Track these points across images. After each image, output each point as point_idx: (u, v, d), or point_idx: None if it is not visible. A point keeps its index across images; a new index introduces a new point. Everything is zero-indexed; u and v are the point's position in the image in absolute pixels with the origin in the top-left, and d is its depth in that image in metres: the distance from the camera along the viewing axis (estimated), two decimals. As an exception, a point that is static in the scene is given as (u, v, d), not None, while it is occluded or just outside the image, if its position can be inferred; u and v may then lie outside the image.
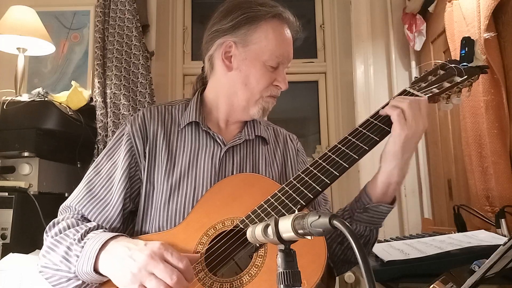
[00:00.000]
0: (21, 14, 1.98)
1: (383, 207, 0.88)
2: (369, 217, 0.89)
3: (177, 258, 0.74)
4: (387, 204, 0.88)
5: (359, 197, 0.92)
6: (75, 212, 0.92)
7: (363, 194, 0.90)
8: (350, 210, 0.92)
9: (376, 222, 0.90)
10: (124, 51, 2.25)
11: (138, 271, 0.73)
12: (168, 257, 0.74)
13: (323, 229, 0.46)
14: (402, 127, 0.84)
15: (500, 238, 1.10)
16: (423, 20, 2.07)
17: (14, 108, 1.78)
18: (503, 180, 1.35)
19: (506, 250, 0.64)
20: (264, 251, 0.78)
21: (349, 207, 0.94)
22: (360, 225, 0.90)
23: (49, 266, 0.84)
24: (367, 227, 0.90)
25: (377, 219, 0.89)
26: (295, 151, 1.10)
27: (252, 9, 0.96)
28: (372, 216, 0.89)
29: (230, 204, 0.87)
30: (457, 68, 0.97)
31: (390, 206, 0.88)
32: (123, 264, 0.75)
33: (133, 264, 0.74)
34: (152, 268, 0.73)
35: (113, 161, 0.97)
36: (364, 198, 0.90)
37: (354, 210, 0.91)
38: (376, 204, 0.88)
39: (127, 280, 0.74)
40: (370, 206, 0.88)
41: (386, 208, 0.88)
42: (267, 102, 1.00)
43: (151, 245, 0.76)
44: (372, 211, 0.88)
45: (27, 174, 1.75)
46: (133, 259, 0.74)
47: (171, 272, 0.72)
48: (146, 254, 0.74)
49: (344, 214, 0.93)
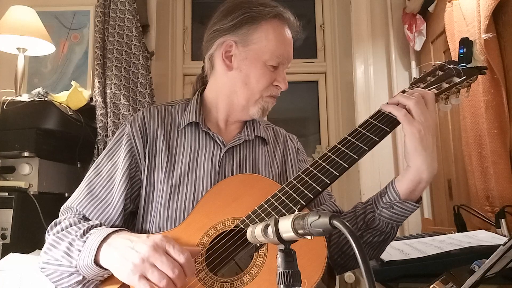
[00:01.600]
0: (21, 14, 1.98)
1: (410, 205, 0.86)
2: (393, 213, 0.87)
3: (179, 251, 0.74)
4: (414, 203, 0.87)
5: (384, 192, 0.89)
6: (76, 213, 0.92)
7: (391, 190, 0.88)
8: (374, 204, 0.90)
9: (399, 219, 0.88)
10: (124, 51, 2.25)
11: (140, 262, 0.73)
12: (170, 250, 0.74)
13: (323, 229, 0.46)
14: (412, 125, 0.83)
15: (500, 238, 1.10)
16: (423, 20, 2.07)
17: (14, 108, 1.78)
18: (503, 180, 1.35)
19: (506, 250, 0.65)
20: (265, 251, 0.79)
21: (372, 201, 0.91)
22: (383, 221, 0.88)
23: (50, 262, 0.84)
24: (389, 223, 0.88)
25: (401, 217, 0.87)
26: (295, 150, 1.10)
27: (252, 9, 0.96)
28: (396, 213, 0.87)
29: (231, 204, 0.87)
30: (455, 69, 0.97)
31: (417, 205, 0.87)
32: (124, 256, 0.75)
33: (136, 255, 0.74)
34: (155, 260, 0.73)
35: (114, 161, 0.97)
36: (391, 194, 0.87)
37: (379, 205, 0.89)
38: (403, 201, 0.86)
39: (128, 271, 0.73)
40: (396, 203, 0.86)
41: (412, 206, 0.86)
42: (267, 102, 1.00)
43: (154, 237, 0.76)
44: (398, 208, 0.86)
45: (27, 174, 1.75)
46: (135, 250, 0.74)
47: (173, 265, 0.72)
48: (148, 246, 0.74)
49: (367, 208, 0.91)
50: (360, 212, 0.91)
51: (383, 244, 0.92)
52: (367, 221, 0.89)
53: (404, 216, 0.87)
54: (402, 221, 0.88)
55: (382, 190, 0.90)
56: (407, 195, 0.86)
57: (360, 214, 0.91)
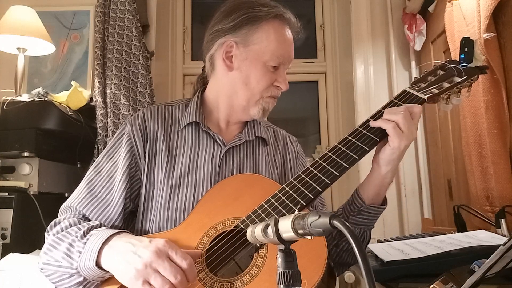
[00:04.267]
0: (21, 14, 1.97)
1: (376, 208, 0.91)
2: (363, 218, 0.92)
3: (182, 256, 0.74)
4: (380, 205, 0.92)
5: (351, 200, 0.94)
6: (76, 213, 0.92)
7: (356, 197, 0.93)
8: (344, 213, 0.95)
9: (369, 223, 0.93)
10: (124, 51, 2.25)
11: (143, 267, 0.73)
12: (172, 255, 0.74)
13: (323, 229, 0.46)
14: (401, 139, 0.84)
15: (500, 238, 1.10)
16: (423, 20, 2.07)
17: (14, 108, 1.78)
18: (503, 180, 1.35)
19: (506, 250, 0.65)
20: (265, 251, 0.79)
21: (342, 210, 0.96)
22: (355, 228, 0.93)
23: (50, 263, 0.84)
24: (361, 228, 0.93)
25: (370, 220, 0.93)
26: (294, 153, 1.11)
27: (253, 9, 0.96)
28: (366, 217, 0.92)
29: (231, 204, 0.87)
30: (456, 68, 0.97)
31: (383, 206, 0.92)
32: (127, 260, 0.75)
33: (138, 260, 0.74)
34: (157, 265, 0.73)
35: (114, 161, 0.97)
36: (357, 201, 0.92)
37: (348, 213, 0.93)
38: (370, 206, 0.91)
39: (130, 276, 0.74)
40: (364, 208, 0.91)
41: (379, 209, 0.92)
42: (268, 103, 1.00)
43: (156, 242, 0.76)
44: (366, 213, 0.92)
45: (27, 174, 1.75)
46: (138, 255, 0.74)
47: (176, 271, 0.72)
48: (151, 251, 0.74)
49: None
50: None
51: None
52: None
53: (373, 219, 0.93)
54: (373, 223, 0.94)
55: (349, 198, 0.95)
56: (373, 199, 0.91)
57: None
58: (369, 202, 0.91)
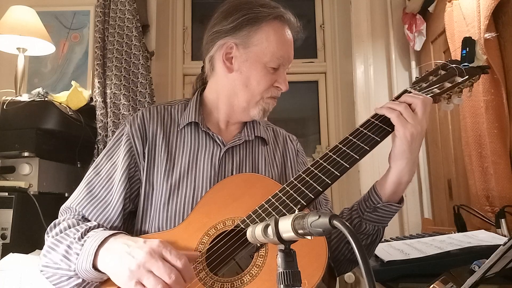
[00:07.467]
0: (21, 14, 1.97)
1: (393, 206, 0.89)
2: (378, 216, 0.90)
3: (176, 256, 0.74)
4: (396, 203, 0.90)
5: (368, 196, 0.92)
6: (75, 213, 0.92)
7: (373, 194, 0.91)
8: (359, 209, 0.93)
9: (384, 221, 0.91)
10: (124, 51, 2.25)
11: (136, 268, 0.73)
12: (166, 255, 0.74)
13: (323, 229, 0.46)
14: (405, 128, 0.84)
15: (500, 238, 1.10)
16: (423, 20, 2.07)
17: (14, 108, 1.77)
18: (503, 180, 1.35)
19: (506, 250, 0.65)
20: (265, 251, 0.79)
21: (357, 206, 0.94)
22: (369, 225, 0.91)
23: (49, 265, 0.84)
24: (375, 226, 0.92)
25: (385, 218, 0.91)
26: (294, 152, 1.10)
27: (253, 10, 0.96)
28: (381, 215, 0.90)
29: (231, 204, 0.87)
30: (458, 68, 0.97)
31: (399, 205, 0.90)
32: (121, 261, 0.75)
33: (132, 261, 0.74)
34: (151, 266, 0.73)
35: (113, 161, 0.96)
36: (374, 197, 0.91)
37: (363, 210, 0.92)
38: (386, 204, 0.89)
39: (125, 277, 0.74)
40: (380, 206, 0.89)
41: (395, 208, 0.90)
42: (268, 103, 1.00)
43: (150, 243, 0.76)
44: (382, 211, 0.90)
45: (27, 174, 1.75)
46: (131, 256, 0.74)
47: (170, 270, 0.72)
48: (145, 252, 0.74)
49: (352, 214, 0.94)
50: (347, 218, 0.94)
51: (371, 247, 0.95)
52: (354, 226, 0.92)
53: (388, 217, 0.91)
54: (387, 222, 0.92)
55: (365, 194, 0.93)
56: (389, 197, 0.90)
57: (347, 220, 0.93)
58: (386, 200, 0.89)
